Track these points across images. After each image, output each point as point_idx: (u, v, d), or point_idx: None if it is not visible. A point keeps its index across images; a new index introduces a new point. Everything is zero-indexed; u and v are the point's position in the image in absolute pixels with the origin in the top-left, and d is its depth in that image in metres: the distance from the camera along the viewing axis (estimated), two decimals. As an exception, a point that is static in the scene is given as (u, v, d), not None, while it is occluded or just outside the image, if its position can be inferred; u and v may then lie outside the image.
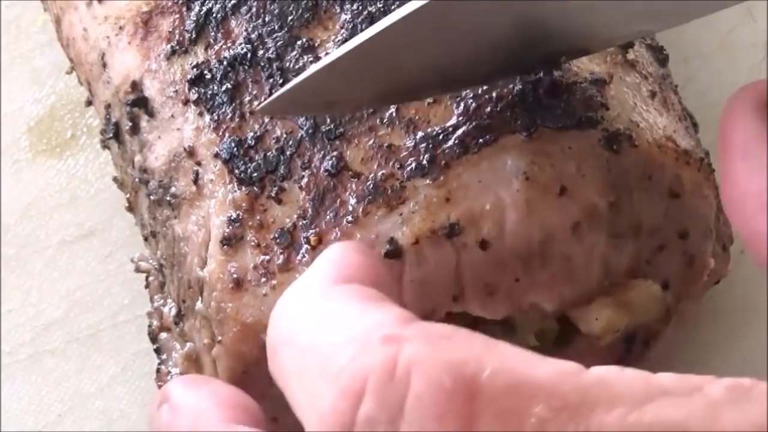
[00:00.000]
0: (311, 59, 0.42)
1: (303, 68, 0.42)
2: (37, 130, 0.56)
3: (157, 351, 0.44)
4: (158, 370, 0.44)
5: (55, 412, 0.50)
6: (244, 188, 0.41)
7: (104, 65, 0.46)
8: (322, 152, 0.41)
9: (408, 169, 0.40)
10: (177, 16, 0.45)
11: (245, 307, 0.41)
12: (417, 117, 0.41)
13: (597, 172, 0.41)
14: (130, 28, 0.45)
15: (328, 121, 0.41)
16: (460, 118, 0.41)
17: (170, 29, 0.45)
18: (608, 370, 0.31)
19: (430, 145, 0.40)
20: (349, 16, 0.43)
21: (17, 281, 0.53)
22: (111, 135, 0.46)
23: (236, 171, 0.41)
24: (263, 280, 0.40)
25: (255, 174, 0.41)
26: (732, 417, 0.30)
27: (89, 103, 0.50)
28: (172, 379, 0.42)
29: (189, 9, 0.44)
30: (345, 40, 0.42)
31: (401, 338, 0.33)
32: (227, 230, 0.41)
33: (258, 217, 0.41)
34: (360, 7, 0.43)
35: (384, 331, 0.34)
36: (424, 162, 0.40)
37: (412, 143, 0.40)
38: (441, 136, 0.40)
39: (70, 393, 0.50)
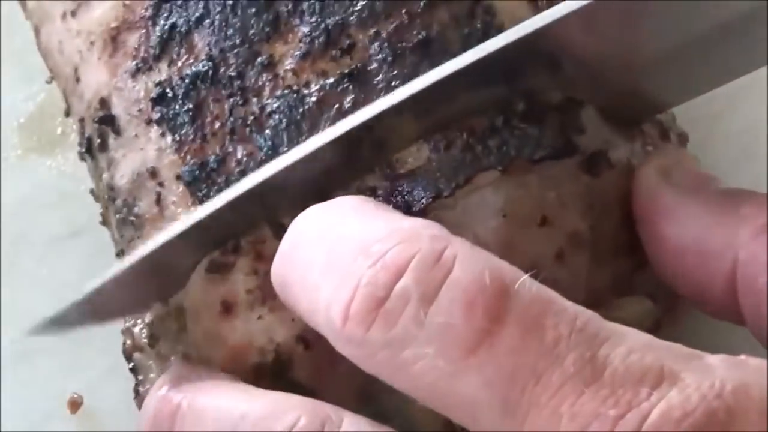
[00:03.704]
0: (270, 77, 0.42)
1: (262, 88, 0.42)
2: (27, 128, 0.57)
3: (133, 371, 0.44)
4: (137, 392, 0.44)
5: (44, 410, 0.50)
6: None
7: (78, 79, 0.47)
8: None
9: None
10: (143, 31, 0.45)
11: (235, 331, 0.41)
12: (395, 159, 0.41)
13: (578, 197, 0.41)
14: (100, 44, 0.46)
15: (285, 141, 0.41)
16: (433, 160, 0.40)
17: (136, 45, 0.45)
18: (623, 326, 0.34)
19: (405, 191, 0.40)
20: (308, 29, 0.43)
21: (6, 278, 0.53)
22: (84, 149, 0.47)
23: (198, 194, 0.42)
24: (259, 302, 0.40)
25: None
26: (725, 374, 0.32)
27: (68, 114, 0.51)
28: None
29: (155, 24, 0.45)
30: (303, 55, 0.42)
31: (450, 238, 0.35)
32: (218, 258, 0.41)
33: (256, 248, 0.41)
34: (318, 20, 0.43)
35: (433, 231, 0.36)
36: (400, 207, 0.40)
37: (389, 188, 0.40)
38: (414, 180, 0.40)
39: (59, 391, 0.51)
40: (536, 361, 0.32)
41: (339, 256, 0.36)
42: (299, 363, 0.40)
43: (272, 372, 0.41)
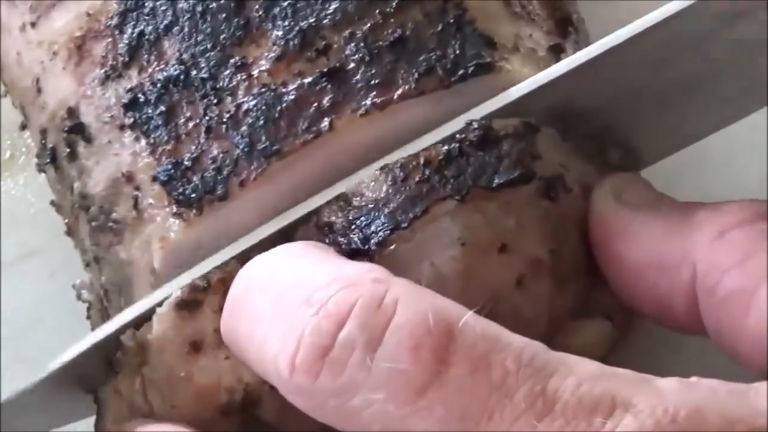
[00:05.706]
0: (244, 77, 0.42)
1: (237, 87, 0.42)
2: (-25, 152, 0.56)
3: (95, 399, 0.42)
4: (96, 423, 0.42)
5: (0, 434, 0.49)
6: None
7: (39, 90, 0.46)
8: (260, 169, 0.41)
9: (343, 249, 0.40)
10: (110, 39, 0.45)
11: (201, 370, 0.40)
12: (350, 192, 0.41)
13: (536, 223, 0.40)
14: (64, 53, 0.46)
15: (263, 138, 0.41)
16: (390, 191, 0.40)
17: (103, 54, 0.45)
18: (570, 354, 0.34)
19: (363, 224, 0.40)
20: (281, 32, 0.43)
21: (-40, 305, 0.52)
22: (48, 160, 0.46)
23: (174, 193, 0.41)
24: None
25: (193, 195, 0.41)
26: (678, 398, 0.32)
27: (24, 127, 0.50)
28: None
29: (122, 32, 0.45)
30: (278, 57, 0.42)
31: (391, 281, 0.35)
32: (187, 296, 0.40)
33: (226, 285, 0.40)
34: (292, 23, 0.43)
35: (374, 275, 0.36)
36: (357, 241, 0.40)
37: (345, 222, 0.40)
38: (371, 213, 0.40)
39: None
40: (486, 399, 0.33)
41: (283, 307, 0.36)
42: (266, 401, 0.40)
43: (238, 410, 0.40)
